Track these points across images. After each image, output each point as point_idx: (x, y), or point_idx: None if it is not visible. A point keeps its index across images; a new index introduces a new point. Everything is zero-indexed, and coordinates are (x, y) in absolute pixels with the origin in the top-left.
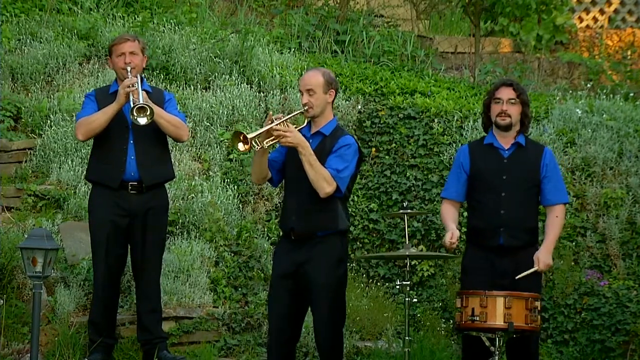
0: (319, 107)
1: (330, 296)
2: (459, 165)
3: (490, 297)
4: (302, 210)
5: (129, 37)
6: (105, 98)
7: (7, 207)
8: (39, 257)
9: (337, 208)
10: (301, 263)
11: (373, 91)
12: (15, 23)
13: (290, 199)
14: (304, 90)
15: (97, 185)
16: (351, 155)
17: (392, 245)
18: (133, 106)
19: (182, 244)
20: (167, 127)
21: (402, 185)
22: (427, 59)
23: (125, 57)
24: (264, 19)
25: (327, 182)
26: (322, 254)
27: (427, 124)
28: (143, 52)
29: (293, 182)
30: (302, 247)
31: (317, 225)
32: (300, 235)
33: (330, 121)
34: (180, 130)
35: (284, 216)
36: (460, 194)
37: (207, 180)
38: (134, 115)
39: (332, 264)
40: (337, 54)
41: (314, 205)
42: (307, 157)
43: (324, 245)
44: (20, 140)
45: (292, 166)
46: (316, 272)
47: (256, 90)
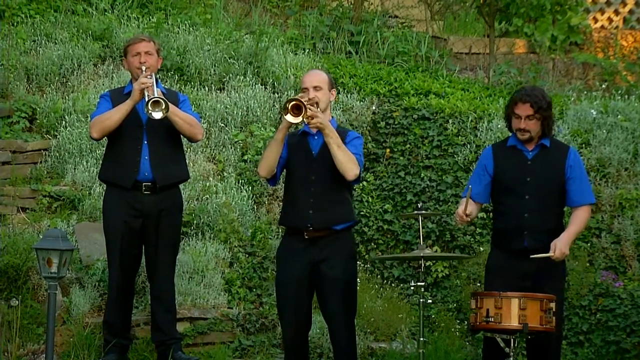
0: (324, 104)
1: (345, 292)
2: (482, 167)
3: (505, 299)
4: (320, 204)
5: (144, 37)
6: (120, 98)
7: (22, 208)
8: (54, 258)
9: (350, 199)
10: (317, 261)
11: (387, 92)
12: (30, 24)
13: (302, 195)
14: (310, 87)
15: (110, 186)
16: (361, 145)
17: (406, 246)
18: (148, 100)
19: (197, 244)
20: (182, 126)
21: (417, 186)
22: (441, 60)
23: (140, 56)
24: (278, 20)
25: (354, 164)
26: (338, 250)
27: (442, 125)
28: (158, 53)
29: (303, 178)
30: (316, 245)
31: (335, 218)
32: (317, 231)
33: (331, 120)
34: (195, 129)
35: (294, 214)
36: (481, 196)
37: (222, 181)
38: (148, 109)
39: (348, 260)
40: (351, 54)
41: (329, 198)
42: (335, 140)
43: (339, 242)
44: (35, 141)
45: (301, 162)
46: (333, 269)
47: (270, 91)
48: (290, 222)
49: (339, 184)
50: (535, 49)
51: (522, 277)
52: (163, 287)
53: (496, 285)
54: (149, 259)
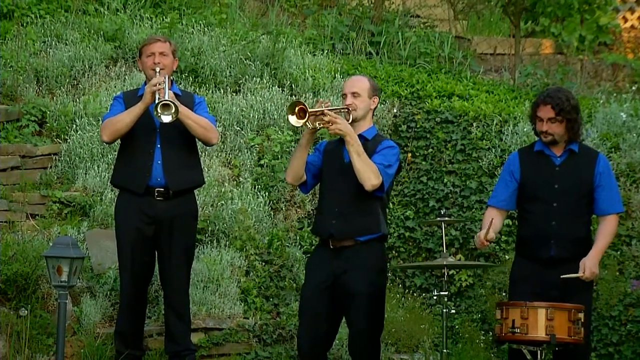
0: (362, 111)
1: (369, 307)
2: (509, 173)
3: (532, 309)
4: (344, 213)
5: (159, 37)
6: (134, 100)
7: (32, 214)
8: (65, 266)
9: (378, 211)
10: (340, 273)
11: (409, 94)
12: (40, 24)
13: (328, 203)
14: (348, 93)
15: (122, 191)
16: (395, 157)
17: (429, 254)
18: (157, 102)
19: (212, 252)
20: (195, 129)
21: (440, 191)
22: (465, 61)
23: (154, 57)
24: (296, 20)
25: (374, 174)
26: (363, 262)
27: (465, 129)
28: (174, 54)
29: (331, 186)
30: (340, 256)
31: (358, 228)
32: (340, 240)
33: (371, 127)
34: (209, 133)
35: (321, 222)
36: (507, 202)
37: (238, 186)
38: (157, 112)
39: (374, 273)
40: (371, 55)
41: (354, 207)
42: (355, 147)
43: (364, 253)
44: (45, 146)
45: (331, 171)
46: (356, 281)
47: (288, 94)
48: (316, 230)
49: (367, 193)
50: (562, 50)
51: (549, 287)
52: (177, 297)
53: (522, 295)
54: (162, 268)
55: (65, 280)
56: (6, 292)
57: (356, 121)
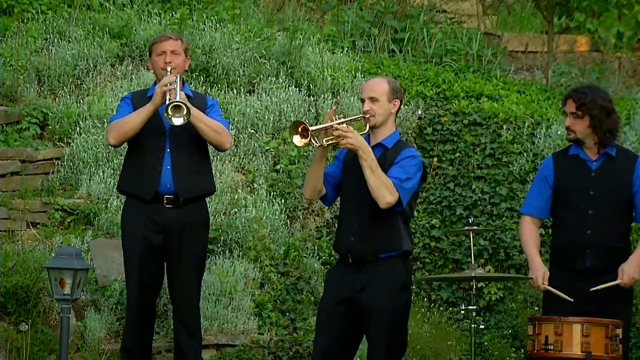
0: (381, 117)
1: (389, 325)
2: (542, 179)
3: (566, 324)
4: (361, 229)
5: (171, 35)
6: (142, 101)
7: (33, 223)
8: (67, 278)
9: (400, 227)
10: (359, 289)
11: (435, 95)
12: (41, 21)
13: (347, 219)
14: (366, 98)
15: (129, 198)
16: (415, 168)
17: (456, 265)
18: (168, 103)
19: (224, 263)
20: (207, 133)
21: (467, 199)
22: (494, 59)
23: (165, 56)
24: (314, 15)
25: (388, 190)
26: (383, 277)
27: (495, 131)
28: (186, 53)
29: (350, 200)
30: (360, 271)
31: (378, 246)
32: (359, 257)
33: (393, 133)
34: (222, 137)
35: (339, 238)
36: (542, 210)
37: (252, 193)
38: (168, 114)
39: (395, 290)
40: (394, 53)
41: (374, 224)
42: (369, 162)
43: (385, 268)
44: (46, 150)
45: (350, 182)
46: (376, 297)
47: (305, 94)
48: (335, 246)
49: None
50: (599, 47)
51: (585, 300)
52: (187, 311)
53: (556, 309)
54: (171, 280)
55: (68, 293)
56: (5, 306)
57: (376, 127)
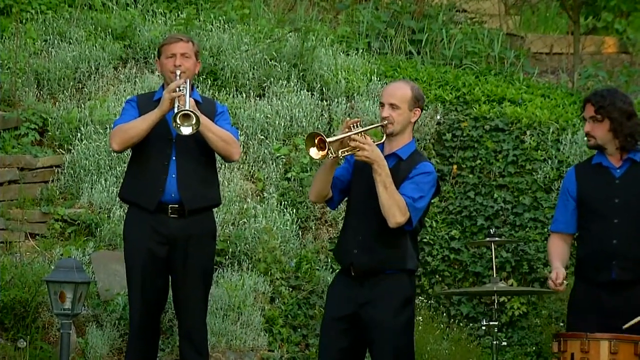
0: (400, 125)
1: (395, 340)
2: (565, 192)
3: (593, 341)
4: (367, 244)
5: (182, 37)
6: (149, 105)
7: (31, 234)
8: (68, 292)
9: (407, 244)
10: (362, 304)
11: (454, 99)
12: (41, 21)
13: (352, 229)
14: (386, 103)
15: (132, 207)
16: (429, 185)
17: (477, 279)
18: (177, 112)
19: (232, 277)
20: (216, 142)
21: (489, 208)
22: (517, 61)
23: (175, 59)
24: (327, 15)
25: (400, 210)
26: (387, 293)
27: (518, 137)
28: (197, 56)
29: (358, 209)
30: (363, 285)
31: (382, 262)
32: (362, 272)
33: (409, 143)
34: (231, 147)
35: (342, 248)
36: (569, 224)
37: (262, 202)
38: (176, 123)
39: (398, 305)
40: (412, 55)
41: (380, 239)
42: (383, 178)
43: (389, 283)
44: (46, 157)
45: (360, 189)
46: (379, 314)
47: (318, 98)
48: (336, 255)
49: None
50: (627, 49)
51: (612, 315)
52: (193, 326)
53: (582, 325)
54: (176, 293)
55: (68, 307)
56: (3, 322)
57: (392, 136)
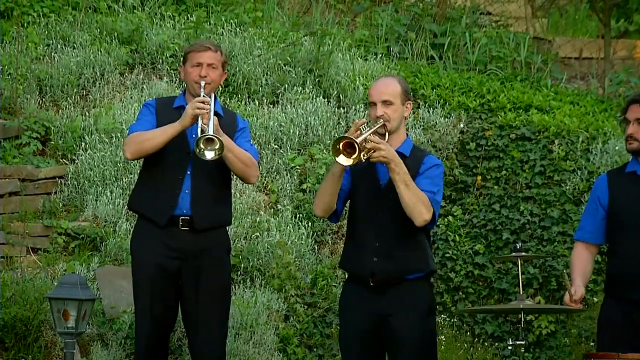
0: (396, 122)
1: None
2: (595, 200)
3: None
4: (386, 249)
5: (210, 45)
6: (167, 112)
7: (33, 248)
8: (72, 310)
9: (425, 244)
10: (385, 315)
11: (478, 106)
12: (43, 25)
13: (365, 236)
14: (378, 102)
15: (141, 219)
16: (440, 177)
17: (502, 296)
18: (201, 136)
19: (245, 293)
20: (235, 164)
21: (515, 222)
22: (545, 67)
23: (201, 69)
24: (344, 18)
25: (425, 207)
26: (410, 302)
27: (546, 147)
28: (224, 67)
29: (367, 215)
30: (384, 295)
31: (406, 267)
32: (384, 280)
33: (406, 140)
34: (250, 170)
35: (357, 258)
36: (596, 235)
37: (275, 215)
38: (200, 148)
39: (423, 315)
40: (434, 60)
41: (400, 242)
42: (402, 177)
43: (412, 291)
44: (49, 167)
45: (366, 195)
46: (406, 325)
47: (335, 105)
48: (352, 267)
49: (412, 225)
50: None
51: None
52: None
53: (613, 345)
54: (187, 312)
55: (72, 326)
56: (4, 340)
57: (391, 133)
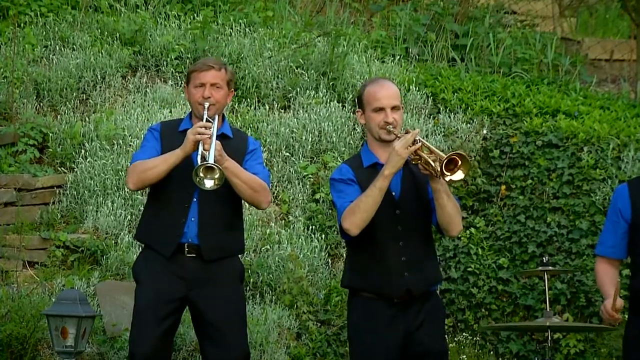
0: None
1: None
2: (616, 212)
3: None
4: (415, 263)
5: (214, 63)
6: (173, 136)
7: (30, 262)
8: (70, 327)
9: (436, 254)
10: (413, 330)
11: (503, 111)
12: (41, 25)
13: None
14: (388, 107)
15: (147, 248)
16: None
17: (528, 313)
18: (200, 164)
19: (254, 310)
20: (243, 191)
21: (541, 234)
22: (573, 69)
23: (204, 89)
24: (360, 18)
25: (461, 216)
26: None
27: (574, 154)
28: (229, 85)
29: (387, 229)
30: (408, 310)
31: (432, 278)
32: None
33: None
34: (259, 196)
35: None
36: (618, 249)
37: (286, 227)
38: (199, 177)
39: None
40: (455, 62)
41: (423, 253)
42: (445, 187)
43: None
44: (46, 176)
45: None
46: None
47: (350, 110)
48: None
49: (427, 234)
50: None
51: None
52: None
53: None
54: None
55: (71, 344)
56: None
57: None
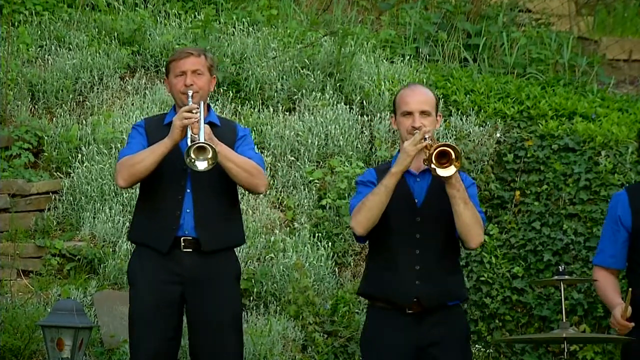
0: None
1: None
2: (615, 220)
3: None
4: (428, 273)
5: (192, 50)
6: (159, 131)
7: (24, 271)
8: (67, 339)
9: (461, 268)
10: (426, 345)
11: (517, 113)
12: (36, 24)
13: (404, 260)
14: (416, 111)
15: (141, 246)
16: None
17: (543, 324)
18: (190, 145)
19: (258, 321)
20: (237, 174)
21: (557, 242)
22: (590, 70)
23: (185, 77)
24: (368, 17)
25: (481, 228)
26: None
27: (591, 159)
28: (211, 71)
29: (402, 235)
30: (422, 324)
31: (448, 292)
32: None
33: None
34: (255, 178)
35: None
36: (619, 259)
37: (291, 234)
38: (190, 158)
39: (464, 344)
40: (467, 62)
41: (442, 265)
42: (462, 194)
43: (452, 319)
44: (42, 182)
45: (398, 212)
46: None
47: (358, 113)
48: (389, 293)
49: (451, 245)
50: None
51: None
52: None
53: None
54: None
55: (67, 356)
56: None
57: None
